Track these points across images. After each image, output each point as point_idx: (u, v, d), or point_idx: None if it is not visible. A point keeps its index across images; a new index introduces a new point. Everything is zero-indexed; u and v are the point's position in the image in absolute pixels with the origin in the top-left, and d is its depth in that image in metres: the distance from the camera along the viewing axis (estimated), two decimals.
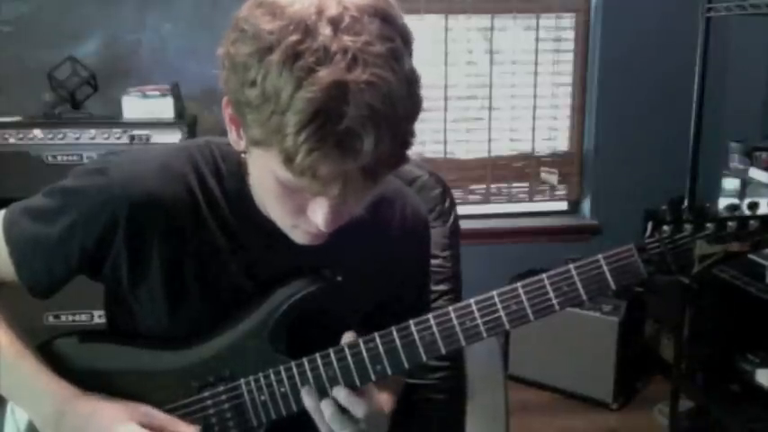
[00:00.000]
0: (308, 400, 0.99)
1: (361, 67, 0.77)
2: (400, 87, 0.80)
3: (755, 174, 2.43)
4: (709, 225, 0.95)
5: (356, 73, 0.77)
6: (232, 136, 0.93)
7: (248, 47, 0.80)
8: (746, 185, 2.46)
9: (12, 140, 2.47)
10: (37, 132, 2.48)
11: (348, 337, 1.00)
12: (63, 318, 2.52)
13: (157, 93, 2.63)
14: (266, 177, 0.88)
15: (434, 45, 3.19)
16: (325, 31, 0.77)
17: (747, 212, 0.95)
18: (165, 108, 2.61)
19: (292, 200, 0.89)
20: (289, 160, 0.79)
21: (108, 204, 0.96)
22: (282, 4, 0.80)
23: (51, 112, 2.62)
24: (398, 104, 0.80)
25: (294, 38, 0.77)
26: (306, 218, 0.91)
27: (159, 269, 0.99)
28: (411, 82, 0.82)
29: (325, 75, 0.76)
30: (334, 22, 0.78)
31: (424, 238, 1.17)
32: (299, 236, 0.95)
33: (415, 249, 1.15)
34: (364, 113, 0.77)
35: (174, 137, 2.51)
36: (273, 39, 0.78)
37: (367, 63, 0.77)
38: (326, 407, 0.98)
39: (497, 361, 1.54)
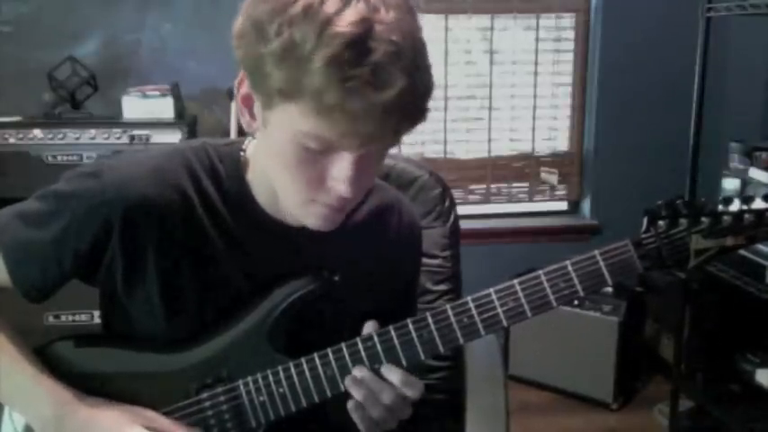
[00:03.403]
0: (358, 371, 0.98)
1: (384, 9, 0.82)
2: (420, 31, 0.86)
3: (755, 174, 2.43)
4: (704, 219, 0.94)
5: (380, 14, 0.81)
6: (244, 118, 0.93)
7: (269, 5, 0.83)
8: (746, 185, 2.46)
9: (12, 140, 2.47)
10: (37, 132, 2.48)
11: (369, 327, 0.99)
12: (63, 318, 2.51)
13: (157, 93, 2.63)
14: (286, 143, 0.87)
15: (434, 45, 3.19)
16: None
17: (743, 207, 0.94)
18: (164, 108, 2.61)
19: (313, 168, 0.88)
20: (318, 99, 0.80)
21: (101, 208, 0.96)
22: None
23: (51, 112, 2.62)
24: (420, 45, 0.85)
25: None
26: (325, 189, 0.90)
27: (155, 272, 0.99)
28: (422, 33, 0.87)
29: (351, 13, 0.80)
30: None
31: (417, 244, 1.19)
32: (314, 214, 0.94)
33: (408, 255, 1.17)
34: (391, 49, 0.81)
35: (174, 137, 2.51)
36: None
37: (388, 7, 0.82)
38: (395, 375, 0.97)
39: (497, 361, 1.53)
